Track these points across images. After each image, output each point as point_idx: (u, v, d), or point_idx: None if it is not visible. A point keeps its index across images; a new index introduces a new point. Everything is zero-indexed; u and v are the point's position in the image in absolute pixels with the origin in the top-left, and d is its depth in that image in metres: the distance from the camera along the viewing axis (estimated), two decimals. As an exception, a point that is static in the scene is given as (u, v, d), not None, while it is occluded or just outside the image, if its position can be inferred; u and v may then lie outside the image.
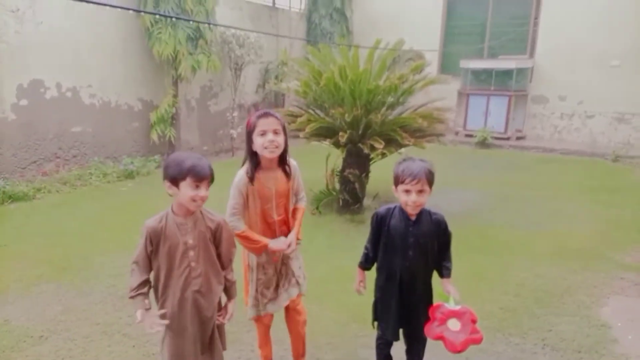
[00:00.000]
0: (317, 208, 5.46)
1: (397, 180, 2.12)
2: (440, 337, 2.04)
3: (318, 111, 5.57)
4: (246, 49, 8.38)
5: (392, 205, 2.24)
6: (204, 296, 1.97)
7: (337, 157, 5.64)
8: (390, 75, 5.08)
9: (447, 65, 11.52)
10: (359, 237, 2.70)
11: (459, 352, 2.01)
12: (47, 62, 6.36)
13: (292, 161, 2.40)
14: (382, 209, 2.27)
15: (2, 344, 2.82)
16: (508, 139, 10.37)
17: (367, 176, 5.51)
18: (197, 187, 1.84)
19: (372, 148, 4.95)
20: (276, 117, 2.23)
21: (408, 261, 2.16)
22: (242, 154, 2.24)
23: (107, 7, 6.33)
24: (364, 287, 2.39)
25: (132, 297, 1.90)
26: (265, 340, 2.56)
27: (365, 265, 2.37)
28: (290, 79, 6.85)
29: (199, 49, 7.67)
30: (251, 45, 8.46)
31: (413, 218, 2.16)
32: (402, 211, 2.18)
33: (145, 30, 7.29)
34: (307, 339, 2.62)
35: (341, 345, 2.82)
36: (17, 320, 3.09)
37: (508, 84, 10.30)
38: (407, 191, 2.08)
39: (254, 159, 2.26)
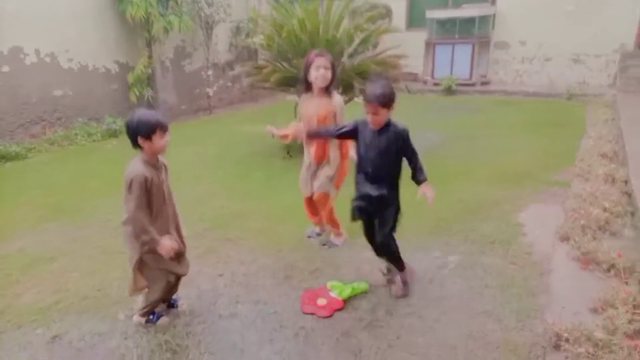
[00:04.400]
0: (288, 152, 6.02)
1: None
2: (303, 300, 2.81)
3: (284, 63, 6.01)
4: (215, 7, 8.65)
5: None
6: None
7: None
8: (347, 26, 5.53)
9: (415, 18, 11.87)
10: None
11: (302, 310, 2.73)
12: (25, 29, 6.65)
13: (337, 96, 3.23)
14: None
15: (22, 264, 3.39)
16: (473, 84, 10.91)
17: (331, 120, 6.04)
18: (163, 135, 2.37)
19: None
20: (327, 58, 3.08)
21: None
22: (219, 112, 2.72)
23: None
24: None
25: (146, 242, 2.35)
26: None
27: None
28: (257, 34, 7.23)
29: (170, 10, 7.96)
30: (220, 3, 8.72)
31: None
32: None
33: (116, -6, 7.54)
34: (273, 245, 3.45)
35: (301, 248, 3.46)
36: (29, 249, 3.66)
37: (471, 32, 10.73)
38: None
39: (308, 84, 3.18)
